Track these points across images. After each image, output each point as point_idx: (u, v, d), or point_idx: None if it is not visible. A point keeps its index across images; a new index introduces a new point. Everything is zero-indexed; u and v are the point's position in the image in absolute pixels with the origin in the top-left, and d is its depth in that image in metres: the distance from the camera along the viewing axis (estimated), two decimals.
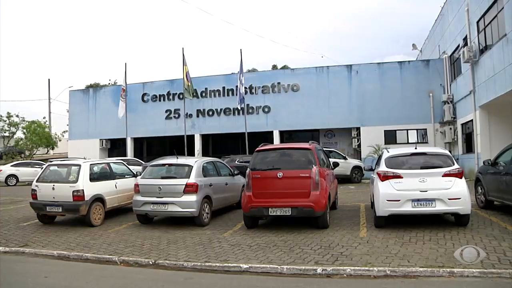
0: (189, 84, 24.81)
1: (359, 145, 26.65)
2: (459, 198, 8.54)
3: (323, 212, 9.15)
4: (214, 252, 7.81)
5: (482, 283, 5.88)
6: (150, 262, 7.41)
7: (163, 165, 11.30)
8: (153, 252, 8.00)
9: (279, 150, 10.28)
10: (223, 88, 28.31)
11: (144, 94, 29.82)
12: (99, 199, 11.00)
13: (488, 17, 17.97)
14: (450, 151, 22.47)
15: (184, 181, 10.18)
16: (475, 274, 6.06)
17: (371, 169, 11.15)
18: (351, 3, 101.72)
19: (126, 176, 12.50)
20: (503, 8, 16.11)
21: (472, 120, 20.53)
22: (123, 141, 29.14)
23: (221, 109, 28.18)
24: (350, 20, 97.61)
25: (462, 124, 22.95)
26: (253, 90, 27.72)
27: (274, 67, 43.01)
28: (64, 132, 41.31)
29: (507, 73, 15.88)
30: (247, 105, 26.72)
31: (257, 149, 10.14)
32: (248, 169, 9.69)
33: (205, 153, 28.22)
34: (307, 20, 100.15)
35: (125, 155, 27.79)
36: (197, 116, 28.54)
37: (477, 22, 19.27)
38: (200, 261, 7.25)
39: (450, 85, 24.73)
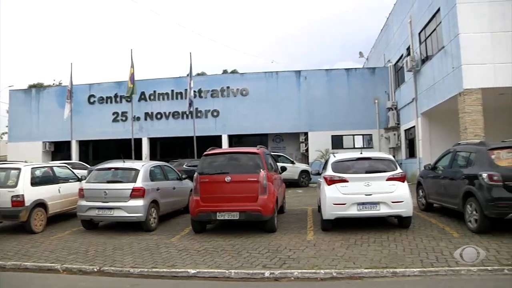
0: (131, 86, 24.17)
1: (307, 150, 27.10)
2: (402, 201, 8.87)
3: (270, 216, 9.23)
4: (161, 257, 7.71)
5: (422, 281, 6.17)
6: (95, 269, 7.19)
7: (109, 169, 11.03)
8: (98, 259, 7.77)
9: (227, 155, 10.29)
10: (172, 91, 27.96)
11: (90, 96, 28.92)
12: (40, 204, 10.51)
13: (429, 30, 18.85)
14: (394, 156, 23.35)
15: (130, 186, 9.98)
16: (415, 273, 6.33)
17: (318, 174, 11.36)
18: (304, 11, 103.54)
19: (70, 180, 12.08)
20: (441, 22, 16.96)
21: (414, 127, 21.41)
22: (67, 144, 28.11)
23: (169, 113, 27.82)
24: (301, 27, 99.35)
25: (405, 130, 23.87)
26: (202, 94, 27.57)
27: (224, 71, 43.11)
28: (3, 133, 39.43)
29: (445, 82, 16.70)
30: (196, 109, 26.56)
31: (205, 153, 10.11)
32: (196, 173, 9.64)
33: (152, 157, 27.76)
34: (260, 26, 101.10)
35: (69, 158, 26.82)
36: (145, 119, 28.03)
37: (419, 34, 20.17)
38: (147, 267, 7.13)
39: (395, 92, 25.68)
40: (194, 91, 25.87)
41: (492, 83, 14.92)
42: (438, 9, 17.12)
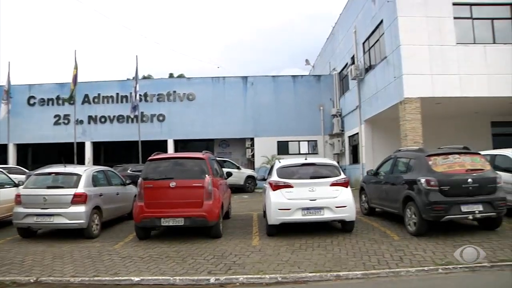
0: (73, 88, 23.36)
1: (253, 155, 27.25)
2: (345, 206, 9.09)
3: (216, 222, 9.20)
4: (104, 265, 7.47)
5: (364, 284, 6.34)
6: (31, 280, 6.81)
7: (49, 173, 10.56)
8: (35, 269, 7.37)
9: (172, 160, 10.16)
10: (117, 94, 27.25)
11: (30, 97, 27.57)
12: None
13: (372, 40, 19.53)
14: (338, 162, 23.94)
15: (72, 191, 9.63)
16: (358, 276, 6.50)
17: (264, 179, 11.45)
18: (252, 19, 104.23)
19: (5, 186, 11.47)
20: (384, 33, 17.64)
21: (358, 133, 22.05)
22: (3, 147, 26.76)
23: (114, 116, 27.07)
24: (249, 34, 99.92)
25: (349, 137, 24.52)
26: (148, 98, 27.05)
27: (171, 75, 42.59)
28: None
29: (387, 91, 17.35)
30: (142, 113, 26.06)
31: (150, 158, 9.93)
32: (140, 178, 9.46)
33: (96, 161, 26.94)
34: (208, 31, 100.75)
35: (6, 162, 25.52)
36: (89, 122, 27.13)
37: (363, 44, 20.85)
38: (88, 276, 6.89)
39: (339, 99, 26.33)
40: (140, 95, 25.40)
41: (430, 93, 15.69)
42: (381, 21, 17.80)
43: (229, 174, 12.33)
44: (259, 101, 27.02)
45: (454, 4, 16.19)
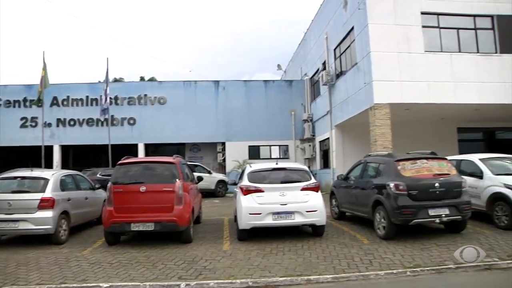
0: (41, 90, 22.76)
1: (224, 160, 27.19)
2: (316, 211, 9.17)
3: (186, 227, 9.14)
4: (71, 272, 7.31)
5: (334, 287, 6.42)
6: None
7: (15, 178, 10.23)
8: None
9: (143, 164, 10.06)
10: (87, 97, 26.73)
11: None
12: None
13: (343, 46, 19.80)
14: (309, 167, 24.11)
15: (38, 196, 9.39)
16: (328, 280, 6.58)
17: (235, 184, 11.45)
18: (225, 23, 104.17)
19: None
20: (354, 40, 17.92)
21: (328, 138, 22.28)
22: None
23: (83, 119, 26.55)
24: (222, 39, 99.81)
25: (320, 142, 24.74)
26: (119, 101, 26.65)
27: (142, 78, 42.17)
28: None
29: (358, 97, 17.61)
30: (112, 116, 25.68)
31: (120, 162, 9.80)
32: (110, 182, 9.32)
33: (64, 165, 26.33)
34: (180, 35, 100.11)
35: None
36: (57, 125, 26.51)
37: (334, 50, 21.11)
38: (55, 283, 6.72)
39: (310, 105, 26.56)
40: (111, 98, 25.01)
41: (399, 99, 16.00)
42: (352, 28, 18.08)
43: (200, 179, 12.27)
44: (231, 106, 27.01)
45: (422, 13, 16.60)
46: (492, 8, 17.28)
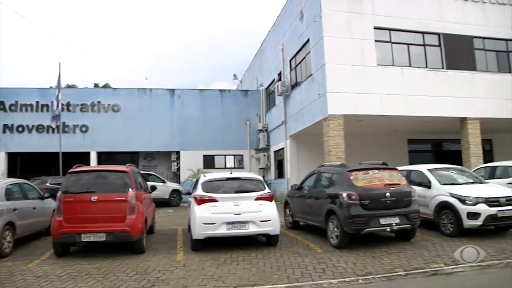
0: None
1: (178, 169, 26.88)
2: (270, 220, 9.20)
3: (139, 237, 8.94)
4: (15, 286, 6.93)
5: None
6: None
7: None
8: None
9: (94, 172, 9.77)
10: (37, 102, 25.73)
11: None
12: None
13: (299, 57, 20.11)
14: (263, 176, 24.21)
15: None
16: None
17: (189, 193, 11.35)
18: (181, 31, 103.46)
19: None
20: (310, 52, 18.24)
21: (283, 148, 22.47)
22: None
23: (33, 126, 25.50)
24: (178, 47, 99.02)
25: (275, 151, 24.91)
26: (71, 108, 25.84)
27: (96, 85, 41.25)
28: None
29: (312, 108, 17.90)
30: (63, 123, 24.88)
31: (70, 170, 9.48)
32: (60, 192, 9.00)
33: (11, 173, 25.18)
34: (136, 42, 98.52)
35: None
36: (4, 131, 25.34)
37: (290, 61, 21.41)
38: None
39: (266, 115, 26.74)
40: (62, 104, 24.24)
41: (353, 110, 16.38)
42: (308, 40, 18.40)
43: (153, 188, 12.07)
44: (186, 114, 26.79)
45: (375, 28, 17.14)
46: (439, 27, 18.13)
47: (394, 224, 8.90)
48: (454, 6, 18.57)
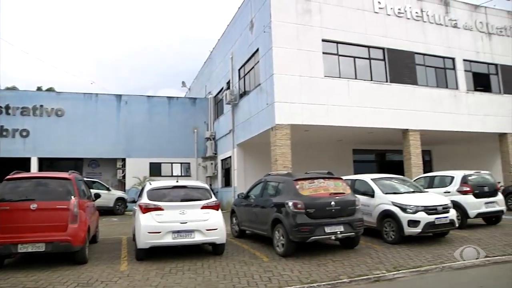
0: None
1: (124, 176, 26.22)
2: (216, 229, 9.12)
3: (81, 246, 8.58)
4: None
5: None
6: None
7: None
8: None
9: (34, 179, 9.29)
10: None
11: None
12: None
13: (248, 67, 20.24)
14: (210, 185, 24.10)
15: None
16: None
17: (134, 201, 11.08)
18: (131, 35, 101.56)
19: None
20: (259, 61, 18.40)
21: (230, 157, 22.45)
22: None
23: None
24: (127, 52, 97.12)
25: (222, 160, 24.85)
26: (11, 111, 24.58)
27: (39, 88, 39.67)
28: None
29: (260, 117, 18.01)
30: (2, 126, 23.76)
31: (7, 177, 8.96)
32: None
33: None
34: (82, 45, 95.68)
35: None
36: None
37: (239, 70, 21.50)
38: None
39: (214, 123, 26.67)
40: (1, 107, 23.14)
41: (299, 120, 16.61)
42: (257, 50, 18.56)
43: (97, 196, 11.68)
44: (133, 121, 26.24)
45: (323, 40, 17.55)
46: (384, 42, 18.86)
47: (338, 232, 9.05)
48: (398, 23, 19.41)
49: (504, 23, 22.69)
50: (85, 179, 13.30)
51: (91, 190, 12.02)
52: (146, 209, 9.03)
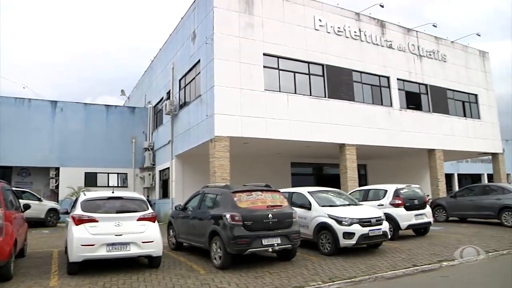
0: None
1: (57, 186, 25.05)
2: (152, 241, 8.92)
3: (6, 261, 7.98)
4: None
5: None
6: None
7: None
8: None
9: None
10: None
11: None
12: None
13: (189, 78, 20.13)
14: (148, 196, 23.67)
15: None
16: None
17: (67, 212, 10.62)
18: (67, 42, 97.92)
19: None
20: (200, 72, 18.35)
21: (169, 168, 22.11)
22: None
23: None
24: (64, 58, 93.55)
25: (160, 171, 24.43)
26: None
27: None
28: None
29: (199, 128, 17.92)
30: None
31: None
32: None
33: None
34: (16, 48, 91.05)
35: None
36: None
37: (180, 80, 21.33)
38: None
39: (152, 133, 26.24)
40: None
41: (239, 132, 16.67)
42: (199, 61, 18.50)
43: (26, 207, 11.06)
44: (68, 129, 25.12)
45: (264, 54, 17.79)
46: (323, 58, 19.45)
47: (276, 244, 9.13)
48: (337, 41, 20.10)
49: (433, 47, 24.22)
50: (14, 188, 12.58)
51: (21, 201, 11.39)
52: (79, 221, 8.68)
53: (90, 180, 25.00)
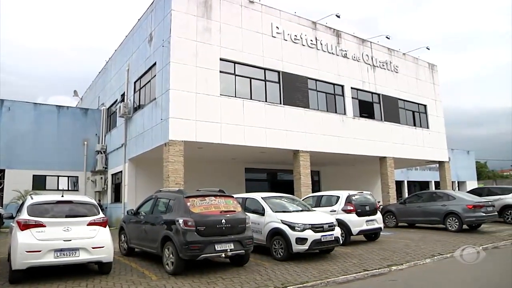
0: None
1: (2, 189, 23.96)
2: (103, 247, 8.73)
3: None
4: None
5: None
6: None
7: None
8: None
9: None
10: None
11: None
12: None
13: (144, 80, 19.84)
14: (99, 200, 23.12)
15: None
16: None
17: (12, 217, 10.21)
18: (20, 37, 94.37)
19: None
20: (155, 75, 18.14)
21: (121, 171, 21.68)
22: None
23: None
24: (15, 56, 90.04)
25: (112, 175, 23.90)
26: None
27: None
28: None
29: (154, 132, 17.70)
30: None
31: None
32: None
33: None
34: None
35: None
36: None
37: (135, 83, 20.99)
38: None
39: (105, 136, 25.65)
40: None
41: (193, 137, 16.59)
42: (155, 63, 18.28)
43: None
44: (16, 129, 24.10)
45: (221, 59, 17.80)
46: (279, 65, 19.70)
47: (229, 250, 9.14)
48: (293, 48, 20.40)
49: (386, 58, 25.05)
50: None
51: None
52: (25, 226, 8.36)
53: (39, 183, 24.09)
